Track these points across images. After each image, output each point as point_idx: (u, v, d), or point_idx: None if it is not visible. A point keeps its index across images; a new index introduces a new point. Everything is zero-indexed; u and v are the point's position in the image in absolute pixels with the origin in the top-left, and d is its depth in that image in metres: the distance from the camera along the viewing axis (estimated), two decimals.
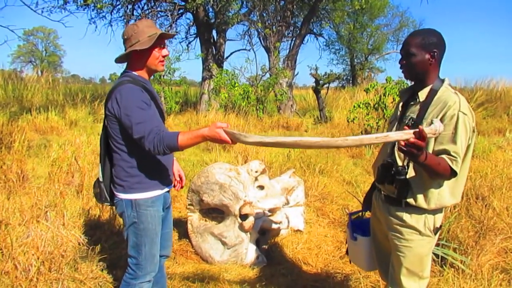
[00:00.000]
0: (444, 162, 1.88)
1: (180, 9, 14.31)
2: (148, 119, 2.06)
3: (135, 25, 2.19)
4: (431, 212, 2.04)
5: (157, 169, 2.24)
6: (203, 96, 14.63)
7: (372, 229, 2.41)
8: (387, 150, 2.22)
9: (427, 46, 2.01)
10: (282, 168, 5.49)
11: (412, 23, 28.87)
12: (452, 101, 1.92)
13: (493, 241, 3.27)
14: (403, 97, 2.25)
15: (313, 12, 15.51)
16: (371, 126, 8.54)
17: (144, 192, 2.20)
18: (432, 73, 2.05)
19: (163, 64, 2.29)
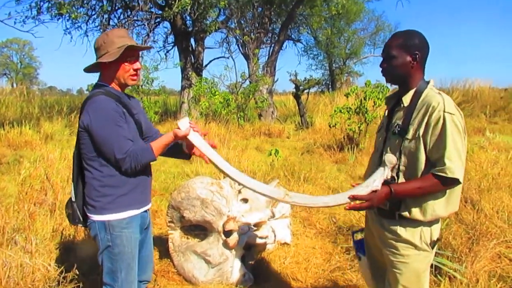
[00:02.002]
0: (428, 180, 1.78)
1: (157, 18, 14.08)
2: (122, 137, 1.95)
3: (106, 35, 2.05)
4: (426, 224, 1.91)
5: (131, 188, 2.07)
6: (183, 105, 14.41)
7: (366, 243, 2.27)
8: (375, 159, 2.09)
9: (408, 48, 1.90)
10: (266, 177, 5.33)
11: (388, 26, 29.20)
12: (435, 102, 1.80)
13: (487, 246, 3.17)
14: (389, 103, 2.13)
15: (291, 18, 15.49)
16: (353, 130, 8.47)
17: (117, 213, 2.03)
18: (415, 76, 1.94)
19: (134, 79, 2.12)
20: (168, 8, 12.58)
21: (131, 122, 2.06)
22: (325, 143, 9.09)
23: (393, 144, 1.95)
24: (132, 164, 1.95)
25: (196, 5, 13.42)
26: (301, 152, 8.82)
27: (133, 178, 2.06)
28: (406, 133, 1.88)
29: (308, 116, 13.57)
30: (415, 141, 1.85)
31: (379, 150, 2.06)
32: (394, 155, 1.92)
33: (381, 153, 2.02)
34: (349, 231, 4.13)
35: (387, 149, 1.98)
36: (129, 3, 14.06)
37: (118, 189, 2.02)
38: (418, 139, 1.83)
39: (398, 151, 1.91)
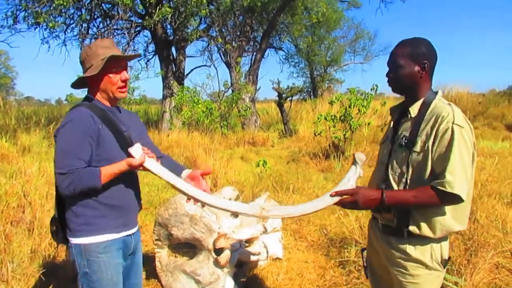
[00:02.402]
0: (425, 191, 1.67)
1: (137, 26, 13.89)
2: (73, 154, 1.78)
3: (89, 47, 1.92)
4: (436, 241, 1.79)
5: (109, 209, 1.89)
6: (164, 115, 14.18)
7: (369, 262, 2.14)
8: (380, 173, 1.97)
9: (416, 57, 1.80)
10: (254, 189, 5.19)
11: (367, 34, 29.55)
12: (445, 112, 1.70)
13: (485, 257, 3.10)
14: (394, 114, 2.03)
15: (272, 26, 15.48)
16: (338, 138, 8.41)
17: (93, 236, 1.86)
18: (423, 86, 1.84)
19: (123, 91, 1.97)
20: (148, 17, 12.42)
21: (110, 141, 1.89)
22: (310, 151, 9.00)
23: (399, 156, 1.85)
24: (70, 186, 1.76)
25: (176, 13, 13.29)
26: (286, 160, 8.73)
27: (112, 199, 1.90)
28: (413, 145, 1.78)
29: (291, 123, 13.52)
30: (424, 154, 1.75)
31: (384, 162, 1.94)
32: (401, 168, 1.82)
33: (387, 166, 1.91)
34: (342, 243, 4.02)
35: (393, 161, 1.87)
36: (108, 12, 13.84)
37: (93, 210, 1.86)
38: (427, 151, 1.73)
39: (405, 164, 1.81)
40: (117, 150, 1.90)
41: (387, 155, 1.94)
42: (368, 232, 2.14)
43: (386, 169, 1.91)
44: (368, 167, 7.78)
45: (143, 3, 12.84)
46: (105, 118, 1.89)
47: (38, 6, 11.62)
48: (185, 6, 12.70)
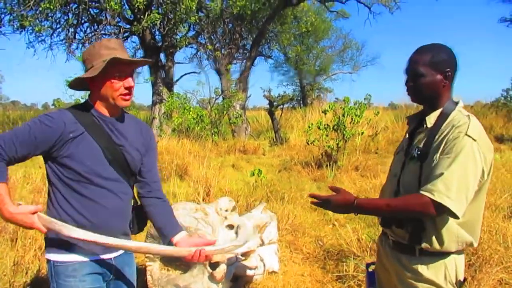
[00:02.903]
0: (412, 196, 1.58)
1: (126, 32, 13.72)
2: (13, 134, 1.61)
3: (93, 46, 1.73)
4: (451, 259, 1.67)
5: (84, 229, 1.63)
6: (154, 121, 14.00)
7: (378, 279, 2.01)
8: (392, 185, 1.84)
9: (438, 65, 1.67)
10: (248, 199, 5.05)
11: (355, 44, 29.80)
12: (459, 124, 1.59)
13: (489, 273, 3.00)
14: (411, 124, 1.89)
15: (262, 34, 15.46)
16: (331, 147, 8.33)
17: (61, 254, 1.66)
18: (444, 95, 1.72)
19: (126, 99, 1.73)
20: (137, 23, 12.29)
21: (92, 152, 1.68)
22: (302, 160, 8.92)
23: (412, 169, 1.72)
24: None
25: (165, 20, 13.18)
26: (278, 169, 8.62)
27: (91, 220, 1.68)
28: (426, 158, 1.66)
29: (282, 132, 13.45)
30: None
31: (397, 175, 1.82)
32: (413, 181, 1.69)
33: (399, 179, 1.79)
34: (339, 256, 3.90)
35: (406, 174, 1.75)
36: (96, 17, 13.66)
37: (65, 222, 1.63)
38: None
39: (417, 177, 1.68)
40: (101, 165, 1.70)
41: (400, 167, 1.81)
42: (377, 247, 2.02)
43: (398, 182, 1.79)
44: (361, 176, 7.75)
45: (131, 9, 12.71)
46: (94, 128, 1.69)
47: (24, 10, 11.39)
48: (174, 13, 12.61)
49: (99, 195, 1.70)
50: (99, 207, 1.70)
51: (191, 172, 6.99)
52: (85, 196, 1.68)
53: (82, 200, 1.67)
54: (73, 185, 1.67)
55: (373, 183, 6.72)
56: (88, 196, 1.68)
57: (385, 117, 13.78)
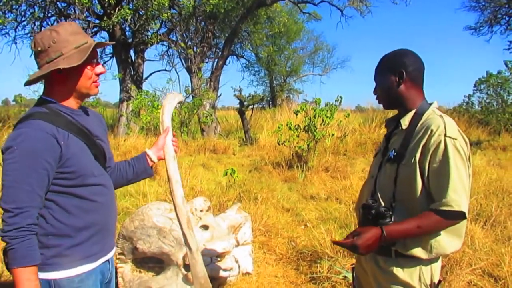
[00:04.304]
0: (429, 217, 1.55)
1: (95, 27, 13.34)
2: (27, 186, 1.43)
3: (54, 31, 1.53)
4: (426, 263, 1.67)
5: (88, 236, 1.59)
6: (121, 119, 13.67)
7: (358, 282, 2.00)
8: (369, 187, 1.86)
9: (390, 68, 1.74)
10: (221, 199, 4.99)
11: (326, 47, 30.21)
12: (435, 125, 1.60)
13: (459, 275, 3.07)
14: (389, 126, 1.91)
15: (235, 33, 15.38)
16: (302, 148, 8.37)
17: (65, 270, 1.54)
18: (410, 96, 1.75)
19: (97, 86, 1.65)
20: (106, 18, 11.97)
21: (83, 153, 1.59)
22: (272, 160, 8.91)
23: (388, 170, 1.74)
24: (12, 227, 1.40)
25: (136, 16, 12.91)
26: (248, 169, 8.58)
27: (90, 221, 1.60)
28: (402, 158, 1.67)
29: (252, 132, 13.42)
30: (411, 168, 1.64)
31: (374, 176, 1.84)
32: (389, 182, 1.71)
33: (376, 180, 1.80)
34: (312, 257, 3.91)
35: (382, 175, 1.77)
36: (63, 11, 13.22)
37: (68, 238, 1.55)
38: (414, 164, 1.63)
39: (393, 179, 1.69)
40: (91, 163, 1.62)
41: (377, 168, 1.83)
42: None
43: (375, 183, 1.80)
44: (331, 177, 7.82)
45: (101, 3, 12.38)
46: (73, 127, 1.57)
47: None
48: (146, 9, 12.36)
49: (96, 193, 1.62)
50: (98, 205, 1.62)
51: (161, 171, 6.85)
52: (84, 198, 1.58)
53: (82, 203, 1.58)
54: (71, 191, 1.55)
55: (343, 184, 6.80)
56: (87, 197, 1.59)
57: (353, 119, 13.97)
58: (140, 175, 1.96)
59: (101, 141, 1.72)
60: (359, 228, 1.62)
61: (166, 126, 2.00)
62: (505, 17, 20.48)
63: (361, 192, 2.00)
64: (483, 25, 20.96)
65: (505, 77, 15.88)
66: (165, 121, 2.01)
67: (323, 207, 5.73)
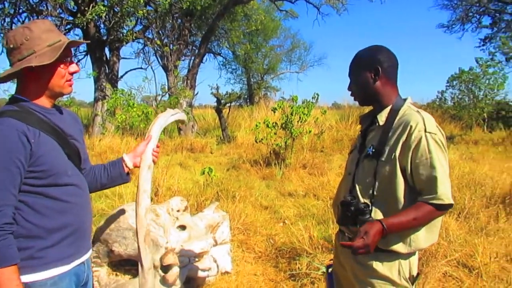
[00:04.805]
0: (422, 208, 1.59)
1: (68, 24, 13.05)
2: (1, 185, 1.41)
3: (27, 28, 1.52)
4: (405, 257, 1.71)
5: (62, 236, 1.55)
6: (96, 118, 13.42)
7: (336, 278, 2.01)
8: (347, 184, 1.86)
9: (365, 64, 1.76)
10: (199, 199, 4.95)
11: (303, 44, 30.35)
12: (414, 121, 1.63)
13: (435, 267, 3.13)
14: (364, 123, 1.93)
15: (211, 31, 15.29)
16: (279, 145, 8.39)
17: (38, 272, 1.50)
18: (385, 92, 1.77)
19: (71, 85, 1.63)
20: (80, 15, 11.71)
21: (55, 152, 1.55)
22: (250, 158, 8.90)
23: (366, 167, 1.75)
24: None
25: (111, 13, 12.68)
26: (226, 167, 8.55)
27: (64, 222, 1.55)
28: (380, 155, 1.69)
29: (229, 130, 13.39)
30: (391, 164, 1.66)
31: (351, 173, 1.85)
32: (368, 179, 1.73)
33: (354, 177, 1.81)
34: (291, 254, 3.91)
35: (360, 172, 1.78)
36: (35, 7, 12.87)
37: (38, 241, 1.50)
38: (394, 160, 1.65)
39: (372, 174, 1.71)
40: (64, 162, 1.58)
41: (354, 165, 1.84)
42: (335, 245, 2.02)
43: (353, 180, 1.81)
44: (309, 174, 7.87)
45: (75, 0, 12.11)
46: (44, 125, 1.54)
47: None
48: (121, 6, 12.14)
49: (70, 193, 1.58)
50: (72, 206, 1.58)
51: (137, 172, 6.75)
52: (57, 199, 1.54)
53: (55, 204, 1.53)
54: (42, 191, 1.51)
55: (320, 180, 6.84)
56: (59, 197, 1.54)
57: (329, 116, 14.09)
58: (115, 180, 1.93)
59: (75, 141, 1.69)
60: (362, 228, 1.60)
61: (151, 135, 2.00)
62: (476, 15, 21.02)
63: (339, 189, 2.01)
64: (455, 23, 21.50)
65: (476, 74, 16.26)
66: (152, 130, 2.03)
67: (301, 204, 5.76)
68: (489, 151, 10.95)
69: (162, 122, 2.07)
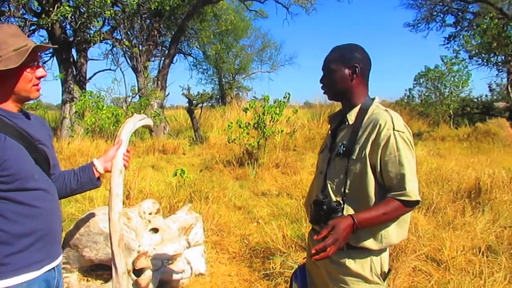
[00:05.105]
0: (391, 204, 1.62)
1: (33, 25, 12.67)
2: None
3: None
4: (376, 254, 1.74)
5: (31, 242, 1.51)
6: (64, 121, 13.11)
7: (309, 276, 2.03)
8: (319, 182, 1.89)
9: (346, 61, 1.77)
10: (172, 201, 4.91)
11: (274, 44, 30.47)
12: (383, 120, 1.67)
13: (405, 262, 3.20)
14: (333, 122, 1.96)
15: (181, 31, 15.17)
16: (252, 145, 8.41)
17: (5, 279, 1.46)
18: (357, 91, 1.80)
19: (38, 89, 1.62)
20: (45, 15, 11.39)
21: (21, 156, 1.52)
22: (223, 159, 8.89)
23: (337, 165, 1.78)
24: None
25: (77, 13, 12.39)
26: (199, 168, 8.51)
27: (34, 228, 1.52)
28: (351, 153, 1.72)
29: (202, 130, 13.32)
30: (361, 162, 1.69)
31: (323, 172, 1.87)
32: (340, 177, 1.75)
33: (325, 175, 1.83)
34: (265, 254, 3.93)
35: (332, 170, 1.80)
36: None
37: (5, 246, 1.46)
38: (364, 159, 1.69)
39: (343, 173, 1.74)
40: (31, 166, 1.54)
41: (325, 164, 1.86)
42: (308, 244, 2.04)
43: (325, 178, 1.83)
44: (282, 173, 7.91)
45: (38, 0, 11.77)
46: (10, 129, 1.51)
47: None
48: (87, 6, 11.89)
49: (38, 198, 1.54)
50: (40, 211, 1.55)
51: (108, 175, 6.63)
52: (24, 204, 1.50)
53: (21, 208, 1.50)
54: (8, 196, 1.47)
55: (293, 179, 6.90)
56: (26, 202, 1.51)
57: (301, 115, 14.22)
58: (85, 185, 1.90)
59: (43, 146, 1.66)
60: (331, 222, 1.60)
61: (120, 139, 2.00)
62: (440, 14, 21.63)
63: (311, 188, 2.03)
64: (420, 22, 22.09)
65: (441, 71, 16.76)
66: (122, 134, 2.03)
67: (275, 203, 5.79)
68: (455, 146, 11.31)
69: (131, 126, 2.07)
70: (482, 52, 15.96)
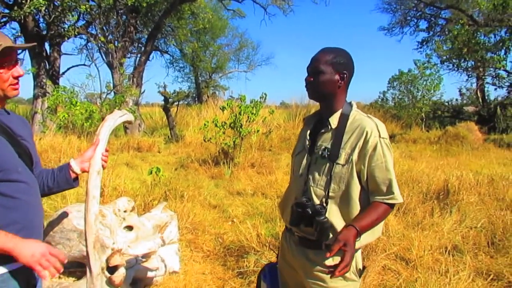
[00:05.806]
0: (380, 208, 1.72)
1: (4, 17, 12.33)
2: None
3: None
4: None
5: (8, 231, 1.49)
6: (35, 116, 12.83)
7: (282, 277, 2.07)
8: (299, 186, 1.90)
9: (337, 66, 1.79)
10: (146, 199, 4.88)
11: (251, 44, 30.55)
12: (369, 128, 1.74)
13: (375, 261, 3.30)
14: (309, 124, 1.98)
15: (158, 28, 15.05)
16: (228, 144, 8.43)
17: None
18: (340, 96, 1.84)
19: (16, 88, 1.63)
20: (17, 8, 11.12)
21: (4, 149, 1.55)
22: (199, 158, 8.87)
23: (320, 168, 1.81)
24: None
25: (51, 6, 12.13)
26: (174, 167, 8.48)
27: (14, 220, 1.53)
28: (337, 157, 1.77)
29: (178, 129, 13.25)
30: (348, 167, 1.75)
31: (303, 175, 1.88)
32: (324, 180, 1.79)
33: (306, 179, 1.86)
34: (239, 252, 3.97)
35: (314, 173, 1.83)
36: None
37: None
38: (351, 163, 1.75)
39: (328, 176, 1.78)
40: (14, 159, 1.56)
41: (306, 167, 1.88)
42: (281, 244, 2.07)
43: (305, 182, 1.86)
44: (257, 173, 7.97)
45: None
46: None
47: None
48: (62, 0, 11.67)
49: (20, 191, 1.56)
50: (22, 203, 1.56)
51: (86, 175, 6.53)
52: (5, 195, 1.51)
53: (3, 200, 1.51)
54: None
55: (268, 179, 6.96)
56: (8, 194, 1.52)
57: (277, 115, 14.32)
58: (62, 185, 1.89)
59: (26, 142, 1.68)
60: (340, 237, 1.64)
61: (99, 139, 1.96)
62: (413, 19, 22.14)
63: (288, 190, 2.04)
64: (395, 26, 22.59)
65: (414, 75, 17.16)
66: (101, 134, 1.97)
67: (250, 203, 5.83)
68: (426, 149, 11.61)
69: (111, 123, 2.02)
70: (453, 57, 16.46)
